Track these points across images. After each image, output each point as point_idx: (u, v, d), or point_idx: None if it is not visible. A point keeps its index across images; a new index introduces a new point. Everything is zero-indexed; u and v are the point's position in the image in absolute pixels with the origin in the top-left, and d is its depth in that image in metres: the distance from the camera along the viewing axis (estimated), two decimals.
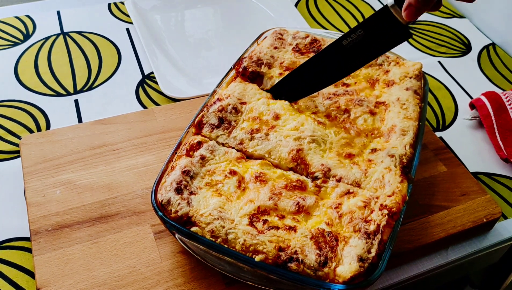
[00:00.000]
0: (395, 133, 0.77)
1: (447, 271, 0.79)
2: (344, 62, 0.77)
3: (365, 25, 0.73)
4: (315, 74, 0.80)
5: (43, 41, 1.09)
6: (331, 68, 0.79)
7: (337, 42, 0.75)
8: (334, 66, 0.78)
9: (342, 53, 0.76)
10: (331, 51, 0.77)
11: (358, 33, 0.73)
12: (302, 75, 0.80)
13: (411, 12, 0.67)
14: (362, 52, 0.75)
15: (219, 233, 0.64)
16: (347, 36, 0.74)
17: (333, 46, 0.76)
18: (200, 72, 1.05)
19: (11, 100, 0.96)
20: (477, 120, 0.99)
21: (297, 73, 0.81)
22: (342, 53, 0.76)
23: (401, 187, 0.70)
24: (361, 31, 0.73)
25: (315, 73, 0.80)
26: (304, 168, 0.73)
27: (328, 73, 0.79)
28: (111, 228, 0.73)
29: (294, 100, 0.82)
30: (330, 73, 0.79)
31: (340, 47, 0.75)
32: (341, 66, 0.78)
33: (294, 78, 0.81)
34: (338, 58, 0.77)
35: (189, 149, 0.73)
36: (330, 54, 0.77)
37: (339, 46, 0.75)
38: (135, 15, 1.14)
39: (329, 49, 0.77)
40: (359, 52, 0.75)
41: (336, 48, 0.76)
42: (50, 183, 0.78)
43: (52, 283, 0.67)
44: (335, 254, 0.63)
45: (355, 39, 0.74)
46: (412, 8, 0.67)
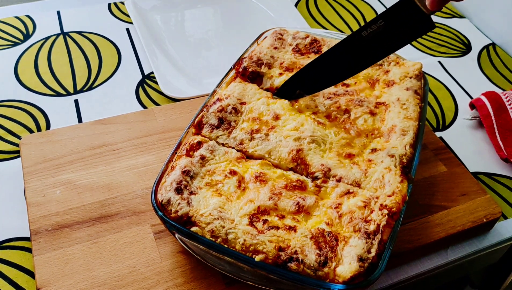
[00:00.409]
0: (395, 133, 0.77)
1: (447, 271, 0.79)
2: (364, 54, 0.75)
3: (386, 15, 0.70)
4: (333, 66, 0.77)
5: (43, 41, 1.09)
6: (350, 60, 0.76)
7: (357, 33, 0.73)
8: (353, 58, 0.76)
9: (361, 45, 0.73)
10: (350, 42, 0.74)
11: (378, 24, 0.71)
12: (320, 67, 0.78)
13: (436, 1, 0.64)
14: (383, 44, 0.73)
15: (219, 233, 0.64)
16: (367, 27, 0.71)
17: (352, 37, 0.74)
18: (200, 72, 1.05)
19: (11, 100, 0.96)
20: (477, 120, 0.99)
21: (315, 65, 0.79)
22: (361, 44, 0.73)
23: (401, 187, 0.70)
24: (382, 22, 0.70)
25: (333, 65, 0.77)
26: (304, 168, 0.73)
27: (347, 65, 0.77)
28: (111, 228, 0.73)
29: (311, 92, 0.80)
30: (349, 65, 0.76)
31: (360, 38, 0.72)
32: (361, 58, 0.75)
33: (312, 69, 0.79)
34: (358, 50, 0.74)
35: (189, 149, 0.73)
36: (349, 46, 0.74)
37: (358, 37, 0.72)
38: (135, 15, 1.14)
39: (348, 41, 0.75)
40: (379, 44, 0.72)
41: (356, 39, 0.73)
42: (50, 183, 0.78)
43: (52, 283, 0.67)
44: (335, 254, 0.63)
45: (376, 30, 0.71)
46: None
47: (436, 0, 0.64)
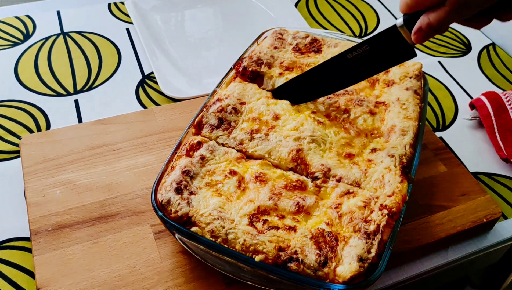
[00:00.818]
0: (395, 133, 0.77)
1: (447, 271, 0.79)
2: (348, 74, 0.78)
3: (372, 41, 0.73)
4: (318, 81, 0.80)
5: (43, 41, 1.09)
6: (334, 78, 0.79)
7: (342, 54, 0.76)
8: (337, 77, 0.79)
9: (346, 65, 0.76)
10: (335, 62, 0.78)
11: (364, 48, 0.74)
12: (305, 82, 0.81)
13: (420, 36, 0.67)
14: (366, 66, 0.76)
15: (219, 233, 0.64)
16: (352, 50, 0.75)
17: (338, 58, 0.77)
18: (200, 72, 1.05)
19: (11, 100, 0.96)
20: (477, 120, 0.99)
21: (301, 79, 0.81)
22: (346, 65, 0.76)
23: (401, 187, 0.70)
24: (367, 47, 0.74)
25: (318, 81, 0.80)
26: (304, 168, 0.73)
27: (331, 82, 0.80)
28: (111, 228, 0.73)
29: (295, 103, 0.82)
30: (333, 82, 0.80)
31: (345, 60, 0.76)
32: (344, 77, 0.79)
33: (297, 83, 0.82)
34: (342, 70, 0.78)
35: (189, 149, 0.73)
36: (334, 65, 0.78)
37: (344, 58, 0.76)
38: (135, 15, 1.14)
39: (334, 60, 0.78)
40: (362, 66, 0.76)
41: (341, 60, 0.77)
42: (50, 183, 0.78)
43: (52, 283, 0.67)
44: (335, 254, 0.63)
45: (360, 54, 0.74)
46: (422, 33, 0.67)
47: (421, 36, 0.67)
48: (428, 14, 0.65)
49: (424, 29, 0.66)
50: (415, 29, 0.67)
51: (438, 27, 0.65)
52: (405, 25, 0.69)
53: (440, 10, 0.64)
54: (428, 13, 0.65)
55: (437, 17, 0.64)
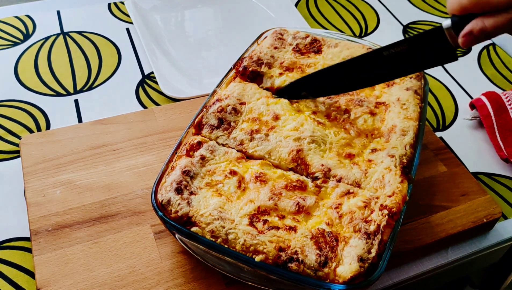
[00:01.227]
0: (395, 133, 0.77)
1: (447, 271, 0.79)
2: (380, 71, 0.75)
3: (412, 40, 0.70)
4: (346, 76, 0.78)
5: (43, 41, 1.09)
6: (364, 74, 0.76)
7: (378, 51, 0.73)
8: (368, 73, 0.76)
9: (380, 62, 0.74)
10: (369, 58, 0.75)
11: (402, 46, 0.71)
12: (332, 74, 0.79)
13: (469, 40, 0.64)
14: (401, 66, 0.73)
15: (219, 233, 0.63)
16: (389, 48, 0.72)
17: (373, 54, 0.74)
18: (200, 72, 1.05)
19: (11, 100, 0.96)
20: (477, 120, 0.99)
21: (328, 71, 0.79)
22: (380, 62, 0.73)
23: (401, 187, 0.70)
24: (406, 45, 0.71)
25: (346, 76, 0.78)
26: (304, 168, 0.73)
27: (359, 78, 0.77)
28: (111, 228, 0.73)
29: (316, 96, 0.81)
30: (362, 78, 0.77)
31: (380, 57, 0.73)
32: (375, 75, 0.76)
33: (323, 75, 0.79)
34: (375, 66, 0.75)
35: (189, 149, 0.73)
36: (367, 61, 0.75)
37: (379, 55, 0.73)
38: (135, 15, 1.14)
39: (368, 56, 0.75)
40: (397, 65, 0.73)
41: (376, 56, 0.74)
42: (50, 183, 0.78)
43: (52, 283, 0.67)
44: (335, 254, 0.63)
45: (397, 52, 0.71)
46: (471, 37, 0.63)
47: (470, 40, 0.64)
48: (484, 18, 0.62)
49: (476, 33, 0.63)
50: (465, 32, 0.64)
51: (491, 34, 0.62)
52: (453, 27, 0.65)
53: (500, 17, 0.60)
54: (483, 18, 0.62)
55: (494, 23, 0.61)
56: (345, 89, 0.80)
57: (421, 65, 0.74)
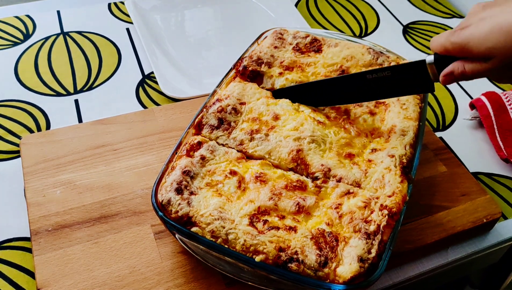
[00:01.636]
0: (395, 133, 0.77)
1: (447, 271, 0.79)
2: (362, 92, 0.79)
3: (395, 69, 0.75)
4: (330, 92, 0.81)
5: (43, 41, 1.09)
6: (347, 92, 0.80)
7: (362, 74, 0.77)
8: (351, 92, 0.80)
9: (362, 84, 0.77)
10: (353, 79, 0.78)
11: (385, 73, 0.75)
12: (317, 89, 0.81)
13: (449, 80, 0.68)
14: (381, 90, 0.77)
15: (219, 233, 0.64)
16: (373, 72, 0.76)
17: (356, 76, 0.78)
18: (200, 72, 1.05)
19: (11, 100, 0.96)
20: (477, 120, 1.00)
21: (313, 86, 0.82)
22: (363, 83, 0.77)
23: (401, 187, 0.70)
24: (389, 72, 0.75)
25: (330, 91, 0.81)
26: (304, 168, 0.73)
27: (342, 95, 0.80)
28: (111, 228, 0.73)
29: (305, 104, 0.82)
30: (344, 95, 0.80)
31: (363, 79, 0.77)
32: (357, 94, 0.79)
33: (309, 88, 0.82)
34: (357, 87, 0.78)
35: (189, 149, 0.73)
36: (350, 80, 0.79)
37: (362, 77, 0.77)
38: (135, 15, 1.14)
39: (352, 77, 0.79)
40: (378, 89, 0.77)
41: (359, 78, 0.77)
42: (50, 183, 0.78)
43: (52, 283, 0.67)
44: (335, 254, 0.63)
45: (380, 77, 0.75)
46: (451, 77, 0.67)
47: (450, 80, 0.68)
48: (464, 63, 0.65)
49: (456, 75, 0.66)
50: (446, 72, 0.67)
51: (470, 77, 0.65)
52: (435, 63, 0.69)
53: (480, 64, 0.63)
54: (464, 62, 0.65)
55: (474, 69, 0.64)
56: (329, 103, 0.82)
57: (400, 91, 0.78)
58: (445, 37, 0.66)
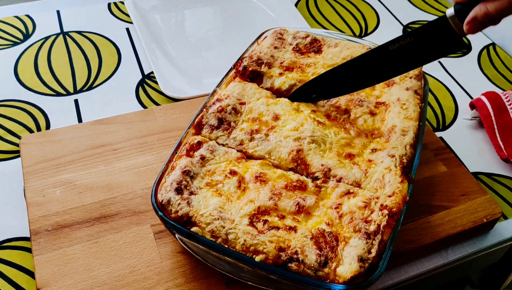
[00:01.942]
0: (395, 133, 0.77)
1: (447, 271, 0.79)
2: (387, 67, 0.75)
3: (417, 32, 0.70)
4: (355, 74, 0.78)
5: (42, 41, 1.09)
6: (372, 71, 0.76)
7: (383, 46, 0.73)
8: (376, 69, 0.76)
9: (386, 58, 0.73)
10: (375, 54, 0.75)
11: (408, 39, 0.71)
12: (341, 74, 0.78)
13: (474, 27, 0.65)
14: (409, 58, 0.73)
15: (219, 233, 0.63)
16: (395, 42, 0.72)
17: (379, 50, 0.74)
18: (200, 72, 1.05)
19: (11, 99, 0.96)
20: (477, 120, 0.99)
21: (336, 71, 0.79)
22: (386, 57, 0.73)
23: (401, 187, 0.70)
24: (412, 38, 0.70)
25: (355, 74, 0.78)
26: (304, 168, 0.73)
27: (368, 75, 0.77)
28: (111, 228, 0.73)
29: (327, 97, 0.81)
30: (370, 75, 0.77)
31: (386, 52, 0.73)
32: (383, 70, 0.76)
33: (332, 75, 0.79)
34: (382, 62, 0.74)
35: (189, 149, 0.72)
36: (374, 57, 0.75)
37: (385, 50, 0.73)
38: (135, 15, 1.14)
39: (374, 52, 0.75)
40: (405, 58, 0.73)
41: (382, 52, 0.73)
42: (50, 183, 0.78)
43: (52, 283, 0.67)
44: (335, 254, 0.63)
45: (403, 46, 0.71)
46: (476, 23, 0.64)
47: (475, 27, 0.64)
48: (486, 3, 0.62)
49: (480, 19, 0.63)
50: (469, 18, 0.64)
51: (495, 18, 0.62)
52: (457, 15, 0.66)
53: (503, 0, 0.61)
54: (486, 3, 0.62)
55: (498, 6, 0.61)
56: (356, 87, 0.79)
57: (429, 56, 0.72)
58: None
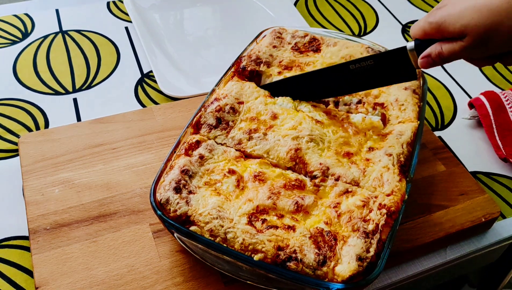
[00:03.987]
0: (392, 133, 0.77)
1: (445, 270, 0.79)
2: (346, 84, 0.79)
3: (377, 57, 0.75)
4: (315, 85, 0.81)
5: (41, 40, 1.09)
6: (332, 85, 0.80)
7: (345, 64, 0.77)
8: (336, 84, 0.80)
9: (347, 75, 0.77)
10: (337, 70, 0.79)
11: (368, 62, 0.75)
12: (302, 83, 0.82)
13: (427, 63, 0.69)
14: (365, 80, 0.77)
15: (218, 232, 0.63)
16: (356, 62, 0.76)
17: (340, 67, 0.78)
18: (199, 71, 1.05)
19: (9, 98, 0.96)
20: (476, 120, 1.00)
21: (298, 80, 0.82)
22: (347, 75, 0.77)
23: (399, 186, 0.70)
24: (372, 62, 0.75)
25: (316, 85, 0.81)
26: (303, 167, 0.73)
27: (328, 88, 0.81)
28: (109, 227, 0.73)
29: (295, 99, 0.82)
30: (330, 89, 0.81)
31: (347, 70, 0.77)
32: (342, 86, 0.80)
33: (294, 83, 0.82)
34: (342, 79, 0.79)
35: (188, 148, 0.72)
36: (335, 73, 0.79)
37: (346, 68, 0.77)
38: (134, 14, 1.14)
39: (336, 68, 0.79)
40: (362, 79, 0.77)
41: (343, 69, 0.78)
42: (49, 181, 0.78)
43: (51, 282, 0.67)
44: (334, 253, 0.63)
45: (363, 67, 0.76)
46: (429, 60, 0.68)
47: (428, 63, 0.69)
48: (442, 44, 0.66)
49: (433, 57, 0.68)
50: (424, 54, 0.69)
51: (447, 58, 0.67)
52: (416, 49, 0.70)
53: (456, 44, 0.65)
54: (441, 43, 0.67)
55: (450, 49, 0.66)
56: (315, 97, 0.83)
57: (384, 81, 0.78)
58: (423, 20, 0.68)
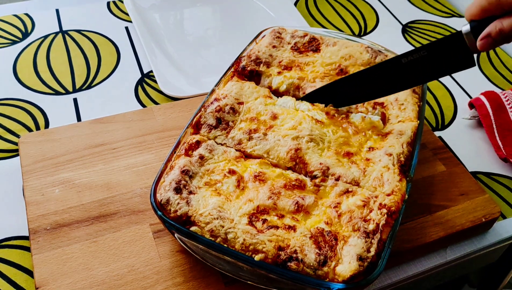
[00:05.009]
0: (392, 133, 0.77)
1: (446, 270, 0.79)
2: (399, 80, 0.75)
3: (431, 46, 0.70)
4: (366, 85, 0.78)
5: (41, 40, 1.09)
6: (383, 83, 0.76)
7: (396, 59, 0.73)
8: (385, 82, 0.76)
9: (398, 70, 0.74)
10: (388, 66, 0.75)
11: (421, 53, 0.71)
12: (353, 84, 0.79)
13: (487, 43, 0.64)
14: (420, 72, 0.73)
15: (218, 232, 0.63)
16: (408, 55, 0.72)
17: (391, 62, 0.74)
18: (199, 71, 1.05)
19: (9, 98, 0.96)
20: (476, 120, 1.00)
21: (348, 81, 0.79)
22: (398, 70, 0.74)
23: (400, 186, 0.70)
24: (425, 52, 0.71)
25: (366, 84, 0.78)
26: (303, 167, 0.73)
27: (379, 86, 0.77)
28: (110, 227, 0.73)
29: (340, 106, 0.81)
30: (382, 87, 0.77)
31: (398, 64, 0.73)
32: (395, 83, 0.76)
33: (344, 84, 0.79)
34: (392, 74, 0.75)
35: (188, 148, 0.72)
36: (386, 69, 0.75)
37: (397, 63, 0.73)
38: (134, 14, 1.14)
39: (386, 64, 0.75)
40: (416, 72, 0.73)
41: (393, 64, 0.74)
42: (49, 182, 0.78)
43: (51, 282, 0.67)
44: (334, 253, 0.63)
45: (415, 59, 0.71)
46: (489, 40, 0.64)
47: (488, 44, 0.64)
48: (502, 20, 0.62)
49: (494, 35, 0.63)
50: (484, 34, 0.64)
51: (509, 35, 0.62)
52: (472, 32, 0.66)
53: None
54: (502, 19, 0.62)
55: None
56: (366, 98, 0.80)
57: (438, 72, 0.73)
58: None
